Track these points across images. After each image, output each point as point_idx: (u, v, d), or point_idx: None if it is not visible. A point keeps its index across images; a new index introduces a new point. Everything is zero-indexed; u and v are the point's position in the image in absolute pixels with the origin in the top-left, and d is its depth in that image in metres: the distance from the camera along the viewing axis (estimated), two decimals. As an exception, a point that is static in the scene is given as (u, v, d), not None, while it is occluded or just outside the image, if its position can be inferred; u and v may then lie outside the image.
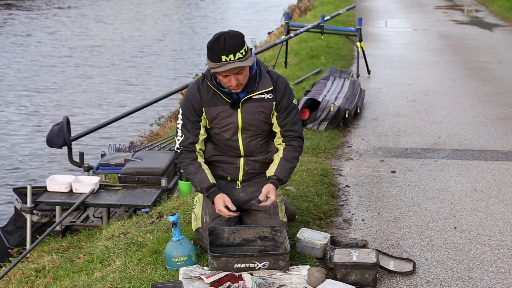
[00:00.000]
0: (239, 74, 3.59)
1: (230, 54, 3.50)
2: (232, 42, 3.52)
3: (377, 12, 18.00)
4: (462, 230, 4.38)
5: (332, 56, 11.00)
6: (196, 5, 28.03)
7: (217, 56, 3.52)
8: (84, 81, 14.18)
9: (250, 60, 3.58)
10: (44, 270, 4.44)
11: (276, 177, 3.80)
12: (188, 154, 3.80)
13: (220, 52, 3.51)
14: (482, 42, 12.97)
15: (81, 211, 5.67)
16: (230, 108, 3.73)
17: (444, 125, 7.12)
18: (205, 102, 3.73)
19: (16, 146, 10.13)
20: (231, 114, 3.74)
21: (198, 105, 3.74)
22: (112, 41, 18.78)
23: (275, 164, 3.84)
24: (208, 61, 3.60)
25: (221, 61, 3.51)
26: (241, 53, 3.53)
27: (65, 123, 5.76)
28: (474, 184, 5.31)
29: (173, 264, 3.62)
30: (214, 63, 3.55)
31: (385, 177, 5.49)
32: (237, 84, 3.61)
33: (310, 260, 3.78)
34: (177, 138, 3.82)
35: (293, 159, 3.85)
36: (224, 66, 3.52)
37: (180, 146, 3.81)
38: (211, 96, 3.73)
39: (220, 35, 3.56)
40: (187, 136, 3.79)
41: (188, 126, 3.78)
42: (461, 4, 20.08)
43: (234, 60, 3.51)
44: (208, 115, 3.75)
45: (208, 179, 3.75)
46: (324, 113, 6.83)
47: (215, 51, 3.53)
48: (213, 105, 3.73)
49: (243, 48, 3.54)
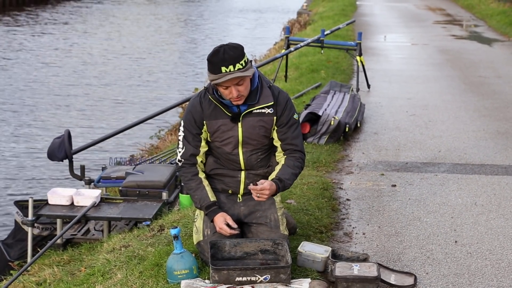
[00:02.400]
0: (239, 85, 3.61)
1: (230, 65, 3.54)
2: (231, 54, 3.55)
3: (377, 27, 18.08)
4: (462, 244, 4.39)
5: (332, 70, 11.04)
6: (194, 19, 28.16)
7: (217, 67, 3.55)
8: (85, 94, 14.22)
9: (250, 70, 3.61)
10: (45, 283, 4.44)
11: (277, 177, 3.76)
12: (189, 169, 3.81)
13: (220, 63, 3.55)
14: (481, 57, 13.02)
15: (82, 224, 5.66)
16: (231, 121, 3.75)
17: (444, 139, 7.14)
18: (206, 115, 3.75)
19: (17, 159, 10.14)
20: (231, 127, 3.76)
21: (200, 118, 3.76)
22: (112, 55, 18.83)
23: (277, 169, 3.83)
24: (208, 73, 3.63)
25: (221, 72, 3.55)
26: (241, 64, 3.56)
27: (66, 136, 5.77)
28: (475, 198, 5.33)
29: (175, 277, 3.63)
30: (214, 74, 3.58)
31: (385, 191, 5.51)
32: (238, 95, 3.63)
33: (311, 273, 3.78)
34: (178, 150, 3.84)
35: (295, 167, 3.83)
36: (224, 77, 3.54)
37: (181, 158, 3.82)
38: (212, 109, 3.75)
39: (220, 47, 3.60)
40: (188, 148, 3.81)
41: (189, 138, 3.80)
42: (460, 19, 20.17)
43: (234, 71, 3.54)
44: (209, 128, 3.77)
45: (208, 197, 3.75)
46: (325, 127, 6.85)
47: (215, 62, 3.56)
48: (214, 118, 3.75)
49: (242, 60, 3.58)
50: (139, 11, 29.01)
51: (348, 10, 21.35)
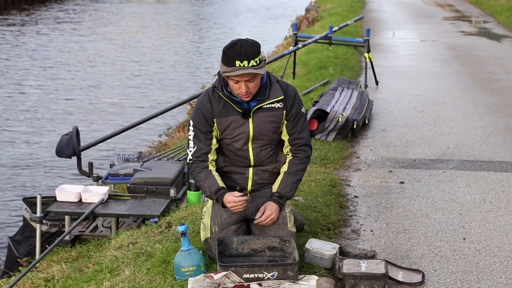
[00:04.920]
0: (250, 82, 3.61)
1: (244, 60, 3.54)
2: (248, 49, 3.55)
3: (385, 23, 18.02)
4: (471, 241, 4.37)
5: (340, 67, 11.02)
6: (203, 15, 28.18)
7: (232, 60, 3.55)
8: (94, 91, 14.25)
9: (263, 69, 3.61)
10: (53, 280, 4.45)
11: (278, 194, 3.84)
12: (200, 164, 3.80)
13: (235, 57, 3.55)
14: (490, 53, 12.96)
15: (90, 221, 5.68)
16: (242, 117, 3.74)
17: (452, 136, 7.11)
18: (216, 112, 3.74)
19: (26, 156, 10.18)
20: (242, 123, 3.75)
21: (210, 116, 3.75)
22: (120, 53, 18.87)
23: (279, 180, 3.87)
24: (221, 64, 3.63)
25: (234, 65, 3.55)
26: (256, 61, 3.56)
27: (74, 133, 5.79)
28: (483, 195, 5.30)
29: (182, 274, 3.63)
30: (228, 67, 3.58)
31: (393, 187, 5.49)
32: (247, 92, 3.63)
33: (318, 270, 3.78)
34: (189, 150, 3.82)
35: (297, 172, 3.88)
36: (237, 71, 3.54)
37: (192, 157, 3.81)
38: (222, 106, 3.74)
39: (238, 41, 3.60)
40: (200, 147, 3.79)
41: (200, 137, 3.78)
42: (469, 15, 20.08)
43: (248, 66, 3.54)
44: (219, 125, 3.76)
45: (217, 183, 3.74)
46: (333, 124, 6.84)
47: (230, 55, 3.56)
48: (224, 115, 3.74)
49: (258, 57, 3.58)
50: (143, 10, 29.03)
51: (356, 7, 21.30)
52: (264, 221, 3.80)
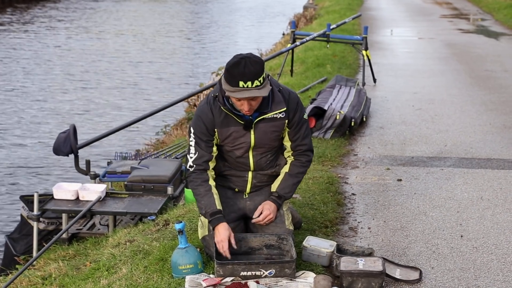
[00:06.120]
0: (253, 100, 3.57)
1: (248, 81, 3.46)
2: (252, 69, 3.46)
3: (383, 21, 18.02)
4: (468, 239, 4.37)
5: (338, 65, 11.01)
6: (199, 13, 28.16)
7: (235, 80, 3.47)
8: (91, 89, 14.24)
9: (267, 89, 3.54)
10: (50, 278, 4.44)
11: (277, 194, 3.85)
12: (201, 174, 3.75)
13: (238, 77, 3.46)
14: (488, 51, 12.96)
15: (87, 218, 5.68)
16: (243, 129, 3.71)
17: (450, 134, 7.11)
18: (217, 122, 3.69)
19: (23, 154, 10.17)
20: (243, 134, 3.72)
21: (211, 125, 3.70)
22: (117, 50, 18.85)
23: (279, 180, 3.88)
24: (224, 82, 3.55)
25: (238, 86, 3.47)
26: (259, 80, 3.48)
27: (71, 131, 5.78)
28: (481, 192, 5.31)
29: (179, 272, 3.63)
30: (231, 86, 3.50)
31: (391, 185, 5.49)
32: (249, 109, 3.60)
33: (316, 268, 3.78)
34: (190, 156, 3.77)
35: (298, 174, 3.88)
36: (241, 93, 3.48)
37: (193, 164, 3.76)
38: (223, 117, 3.68)
39: (241, 58, 3.50)
40: (201, 154, 3.74)
41: (201, 145, 3.73)
42: (467, 13, 20.08)
43: (251, 87, 3.47)
44: (220, 135, 3.72)
45: (215, 204, 3.70)
46: (330, 121, 6.84)
47: (233, 74, 3.48)
48: (225, 125, 3.69)
49: (261, 76, 3.49)
50: (140, 8, 29.00)
51: (354, 4, 21.30)
52: (262, 221, 3.81)
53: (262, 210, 3.82)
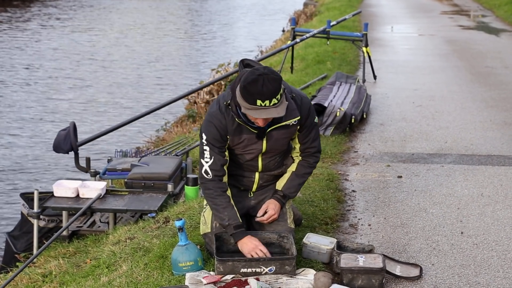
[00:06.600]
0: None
1: (266, 100, 3.39)
2: (270, 87, 3.39)
3: (383, 18, 18.00)
4: (469, 235, 4.37)
5: (338, 62, 11.00)
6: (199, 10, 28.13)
7: (253, 98, 3.40)
8: (91, 86, 14.23)
9: (283, 106, 3.47)
10: (51, 275, 4.45)
11: (282, 193, 3.87)
12: (219, 184, 3.71)
13: (256, 95, 3.39)
14: (489, 47, 12.95)
15: (87, 216, 5.67)
16: (256, 137, 3.69)
17: (450, 130, 7.11)
18: (230, 131, 3.66)
19: (23, 152, 10.16)
20: (256, 142, 3.71)
21: (224, 132, 3.66)
22: (117, 48, 18.84)
23: (285, 178, 3.89)
24: (240, 98, 3.46)
25: (255, 104, 3.40)
26: (277, 98, 3.42)
27: (71, 129, 5.77)
28: (481, 189, 5.30)
29: (180, 269, 3.63)
30: (248, 103, 3.43)
31: (391, 182, 5.49)
32: (265, 123, 3.57)
33: (316, 265, 3.78)
34: (205, 161, 3.70)
35: (304, 175, 3.91)
36: (258, 112, 3.42)
37: (210, 170, 3.69)
38: (236, 126, 3.65)
39: (259, 75, 3.41)
40: (217, 158, 3.69)
41: (215, 150, 3.69)
42: (467, 10, 20.07)
43: (269, 106, 3.41)
44: (232, 142, 3.70)
45: (238, 218, 3.68)
46: (330, 118, 6.83)
47: (251, 92, 3.40)
48: (238, 134, 3.66)
49: (279, 93, 3.43)
50: (139, 6, 28.98)
51: (354, 1, 21.28)
52: (266, 221, 3.83)
53: (267, 210, 3.83)
